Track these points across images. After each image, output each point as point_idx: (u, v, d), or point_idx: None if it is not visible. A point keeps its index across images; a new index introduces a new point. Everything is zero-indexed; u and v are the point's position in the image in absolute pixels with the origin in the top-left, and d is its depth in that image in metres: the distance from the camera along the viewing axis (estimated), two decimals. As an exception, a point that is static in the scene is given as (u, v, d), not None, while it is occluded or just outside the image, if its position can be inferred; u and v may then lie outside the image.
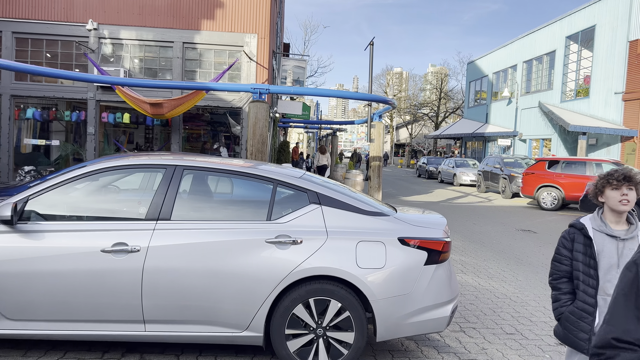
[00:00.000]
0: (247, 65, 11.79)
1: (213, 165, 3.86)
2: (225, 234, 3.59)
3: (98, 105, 11.92)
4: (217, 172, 3.86)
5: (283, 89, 8.96)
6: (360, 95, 9.69)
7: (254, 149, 8.84)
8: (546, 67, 26.62)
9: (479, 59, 36.45)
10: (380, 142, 13.10)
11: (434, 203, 17.11)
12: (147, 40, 11.81)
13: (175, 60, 11.81)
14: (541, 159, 17.16)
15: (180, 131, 12.07)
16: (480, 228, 11.77)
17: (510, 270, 7.58)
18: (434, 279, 3.73)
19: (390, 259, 3.65)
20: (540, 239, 10.57)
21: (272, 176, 3.85)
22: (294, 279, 3.55)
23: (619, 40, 20.53)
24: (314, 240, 3.62)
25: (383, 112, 12.70)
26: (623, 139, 19.94)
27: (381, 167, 13.27)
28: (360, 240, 3.66)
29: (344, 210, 3.78)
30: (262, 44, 11.78)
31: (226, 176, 3.89)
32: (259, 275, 3.54)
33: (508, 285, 6.68)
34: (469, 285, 6.59)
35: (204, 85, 8.88)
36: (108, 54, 11.93)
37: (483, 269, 7.54)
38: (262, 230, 3.63)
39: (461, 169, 26.00)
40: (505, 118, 30.73)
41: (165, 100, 10.34)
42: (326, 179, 4.48)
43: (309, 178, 4.05)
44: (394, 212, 4.03)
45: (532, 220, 13.48)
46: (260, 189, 3.86)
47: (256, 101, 8.75)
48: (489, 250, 9.07)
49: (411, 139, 59.51)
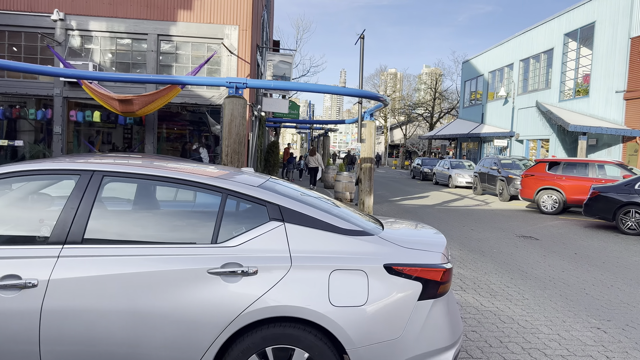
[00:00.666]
0: (228, 60, 10.90)
1: (143, 170, 2.98)
2: (155, 263, 2.72)
3: (65, 102, 11.00)
4: (148, 180, 2.98)
5: (263, 83, 8.12)
6: (348, 91, 8.84)
7: (230, 150, 7.96)
8: (544, 65, 25.89)
9: (474, 58, 35.71)
10: (372, 142, 12.25)
11: (429, 206, 16.29)
12: (118, 32, 10.91)
13: (150, 54, 10.91)
14: (541, 160, 16.38)
15: (155, 130, 11.16)
16: (479, 234, 10.95)
17: (515, 285, 6.74)
18: (430, 319, 2.87)
19: (373, 294, 2.79)
20: (543, 246, 9.76)
21: (221, 184, 2.97)
22: (245, 322, 2.69)
23: (620, 37, 19.80)
24: (273, 270, 2.76)
25: (374, 110, 11.86)
26: (625, 139, 19.20)
27: (373, 169, 12.42)
28: (334, 269, 2.80)
29: (314, 228, 2.91)
30: (243, 37, 10.90)
31: (160, 185, 3.01)
32: (199, 318, 2.67)
33: (514, 305, 5.84)
34: (469, 306, 5.74)
35: (174, 79, 7.99)
36: (76, 47, 11.01)
37: (484, 285, 6.70)
38: (205, 257, 2.76)
39: (457, 171, 25.22)
40: (502, 118, 29.99)
41: (135, 96, 9.44)
42: (295, 187, 3.61)
43: (271, 186, 3.18)
44: (379, 230, 3.17)
45: (532, 226, 12.68)
46: (204, 201, 2.99)
47: (232, 97, 7.88)
48: (489, 261, 8.24)
49: (405, 139, 58.76)
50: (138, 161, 3.21)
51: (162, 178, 2.96)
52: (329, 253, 2.84)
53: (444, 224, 12.25)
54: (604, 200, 12.02)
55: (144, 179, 2.96)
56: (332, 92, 8.34)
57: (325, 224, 2.94)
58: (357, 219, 3.24)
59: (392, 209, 15.11)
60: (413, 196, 20.13)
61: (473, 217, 14.02)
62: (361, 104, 12.03)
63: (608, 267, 8.10)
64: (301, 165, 28.81)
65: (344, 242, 2.90)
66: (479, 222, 13.02)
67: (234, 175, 3.21)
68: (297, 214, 2.92)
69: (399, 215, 13.76)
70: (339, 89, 8.62)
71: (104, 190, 2.96)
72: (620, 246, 10.10)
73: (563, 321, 5.33)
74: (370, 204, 12.34)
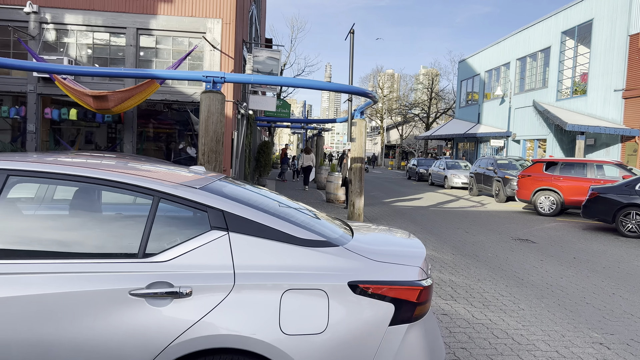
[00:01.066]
0: (210, 55, 10.40)
1: (56, 169, 2.47)
2: (64, 282, 2.22)
3: (40, 99, 10.49)
4: (64, 180, 2.48)
5: (242, 77, 7.64)
6: (334, 86, 8.35)
7: (207, 149, 7.46)
8: (541, 64, 25.46)
9: (470, 57, 35.29)
10: (362, 142, 11.77)
11: (423, 208, 15.82)
12: (95, 26, 10.40)
13: (129, 49, 10.40)
14: (538, 160, 15.92)
15: (134, 129, 10.65)
16: (473, 237, 10.48)
17: (510, 294, 6.26)
18: (405, 348, 2.38)
19: (335, 318, 2.31)
20: (540, 250, 9.29)
21: (151, 185, 2.46)
22: (176, 355, 2.19)
23: (619, 35, 19.38)
24: (211, 290, 2.27)
25: (364, 107, 11.37)
26: (623, 138, 18.77)
27: (363, 170, 11.93)
28: (288, 289, 2.31)
29: (265, 239, 2.42)
30: (227, 31, 10.41)
31: (78, 185, 2.51)
32: (116, 351, 2.17)
33: (509, 317, 5.36)
34: (460, 318, 5.25)
35: (146, 72, 7.49)
36: (51, 41, 10.50)
37: (477, 293, 6.22)
38: (127, 275, 2.26)
39: (452, 171, 24.76)
40: (498, 118, 29.56)
41: (110, 93, 8.93)
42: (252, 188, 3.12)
43: (217, 188, 2.69)
44: (347, 239, 2.69)
45: (529, 228, 12.22)
46: (131, 205, 2.50)
47: (209, 92, 7.38)
48: (483, 267, 7.76)
49: (402, 140, 58.34)
50: (81, 159, 2.71)
51: (80, 178, 2.45)
52: (282, 269, 2.36)
53: (438, 227, 11.78)
54: (603, 201, 11.56)
55: (59, 179, 2.46)
56: (317, 87, 7.86)
57: (280, 234, 2.45)
58: (322, 227, 2.76)
59: (384, 211, 14.63)
60: (407, 197, 19.66)
61: (468, 219, 13.55)
62: (351, 102, 11.54)
63: (609, 273, 7.64)
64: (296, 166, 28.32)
65: (301, 255, 2.41)
66: (474, 224, 12.55)
67: (172, 175, 2.72)
68: (245, 222, 2.43)
69: (391, 217, 13.29)
70: (323, 84, 8.14)
71: (11, 191, 2.46)
72: (620, 250, 9.64)
73: (562, 335, 4.85)
74: (360, 205, 11.86)
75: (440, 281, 6.74)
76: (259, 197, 2.85)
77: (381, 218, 12.99)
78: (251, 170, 19.08)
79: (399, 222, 12.24)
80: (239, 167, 13.97)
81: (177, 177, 2.69)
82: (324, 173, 21.21)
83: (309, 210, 3.17)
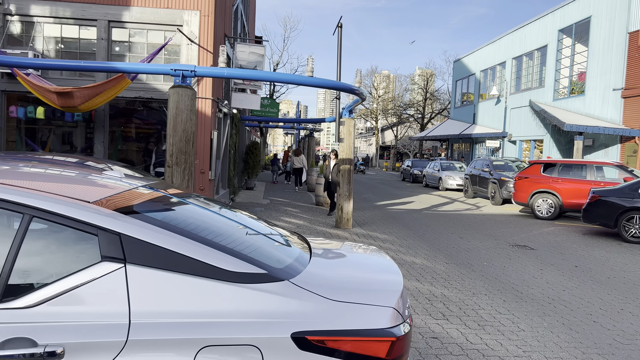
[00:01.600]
0: (187, 49, 9.73)
1: None
2: None
3: (4, 96, 9.78)
4: None
5: (214, 70, 6.99)
6: (317, 82, 7.69)
7: (175, 149, 6.78)
8: (537, 63, 24.90)
9: (465, 57, 34.74)
10: (351, 142, 11.12)
11: (416, 211, 15.19)
12: (64, 18, 9.70)
13: (100, 43, 9.71)
14: (535, 161, 15.33)
15: (106, 129, 9.97)
16: (468, 244, 9.85)
17: (508, 311, 5.62)
18: None
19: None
20: (539, 257, 8.67)
21: (20, 199, 1.80)
22: None
23: (618, 32, 18.83)
24: (94, 351, 1.61)
25: (352, 105, 10.73)
26: (623, 139, 18.20)
27: (352, 172, 11.28)
28: (205, 346, 1.66)
29: (178, 273, 1.76)
30: (205, 23, 9.74)
31: None
32: None
33: (507, 340, 4.72)
34: (452, 343, 4.60)
35: (110, 65, 6.82)
36: (16, 34, 9.80)
37: (471, 311, 5.57)
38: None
39: (447, 173, 24.16)
40: (494, 118, 29.00)
41: (76, 89, 8.25)
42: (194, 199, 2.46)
43: (125, 201, 2.02)
44: (298, 268, 2.03)
45: (527, 233, 11.61)
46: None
47: (178, 86, 6.71)
48: (479, 278, 7.12)
49: (396, 141, 57.77)
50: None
51: None
52: (199, 316, 1.70)
53: (430, 232, 11.15)
54: (604, 205, 10.96)
55: None
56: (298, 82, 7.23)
57: (199, 265, 1.79)
58: (268, 252, 2.10)
59: (375, 215, 13.99)
60: (400, 200, 19.03)
61: (463, 222, 12.93)
62: (339, 99, 10.90)
63: (615, 284, 7.02)
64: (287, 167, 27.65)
65: (228, 295, 1.75)
66: (468, 228, 11.92)
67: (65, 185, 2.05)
68: (150, 249, 1.77)
69: (382, 221, 12.64)
70: (305, 78, 7.48)
71: None
72: (624, 257, 9.04)
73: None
74: (349, 209, 11.20)
75: (431, 296, 6.10)
76: (199, 216, 2.19)
77: (371, 223, 12.34)
78: (238, 172, 18.39)
79: (390, 227, 11.60)
80: (222, 170, 13.29)
81: (71, 187, 2.02)
82: (314, 175, 20.56)
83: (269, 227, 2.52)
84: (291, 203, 15.97)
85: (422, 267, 7.69)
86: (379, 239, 10.01)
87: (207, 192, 9.95)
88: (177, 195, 2.53)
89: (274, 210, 13.68)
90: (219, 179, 11.78)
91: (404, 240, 9.92)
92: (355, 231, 10.84)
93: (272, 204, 15.32)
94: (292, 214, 13.15)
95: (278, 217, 12.33)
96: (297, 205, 15.36)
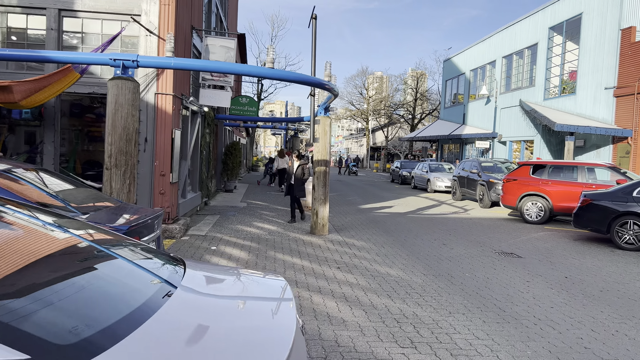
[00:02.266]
0: (146, 40, 8.94)
1: None
2: None
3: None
4: None
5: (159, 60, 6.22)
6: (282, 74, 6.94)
7: (114, 149, 5.99)
8: (527, 62, 24.29)
9: (455, 56, 34.13)
10: (326, 142, 10.37)
11: (400, 215, 14.46)
12: (9, 7, 8.88)
13: (50, 33, 8.89)
14: (525, 162, 14.66)
15: (57, 127, 9.14)
16: (451, 251, 9.12)
17: (487, 335, 4.88)
18: None
19: None
20: (527, 267, 7.96)
21: None
22: None
23: (609, 29, 18.22)
24: None
25: (327, 103, 9.98)
26: (615, 139, 17.59)
27: (328, 174, 10.53)
28: None
29: None
30: (165, 13, 8.95)
31: None
32: None
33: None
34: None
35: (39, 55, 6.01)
36: (-42, 23, 8.96)
37: (445, 335, 4.83)
38: None
39: (435, 174, 23.50)
40: (484, 118, 28.37)
41: (15, 83, 7.43)
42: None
43: None
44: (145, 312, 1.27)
45: (515, 239, 10.91)
46: None
47: (118, 78, 5.93)
48: (458, 292, 6.39)
49: (387, 142, 57.14)
50: None
51: None
52: None
53: (412, 238, 10.41)
54: (596, 209, 10.28)
55: None
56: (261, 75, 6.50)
57: None
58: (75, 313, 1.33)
59: (356, 220, 13.24)
60: (386, 203, 18.30)
61: (448, 227, 12.21)
62: (314, 96, 10.14)
63: (608, 299, 6.32)
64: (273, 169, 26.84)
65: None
66: (453, 234, 11.20)
67: None
68: None
69: (362, 227, 11.89)
70: (269, 71, 6.72)
71: None
72: (618, 267, 8.34)
73: (555, 409, 3.47)
74: (325, 214, 10.45)
75: (402, 316, 5.35)
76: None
77: (351, 228, 11.59)
78: (216, 173, 17.58)
79: (369, 233, 10.85)
80: (193, 172, 12.48)
81: None
82: (297, 176, 19.77)
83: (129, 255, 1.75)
84: (269, 206, 15.20)
85: (396, 279, 6.95)
86: (355, 246, 9.27)
87: (168, 196, 9.15)
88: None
89: (248, 215, 12.90)
90: (185, 182, 10.97)
91: (381, 248, 9.18)
92: (331, 238, 10.09)
93: (248, 208, 14.54)
94: (266, 219, 12.37)
95: (250, 223, 11.55)
96: (274, 209, 14.59)
